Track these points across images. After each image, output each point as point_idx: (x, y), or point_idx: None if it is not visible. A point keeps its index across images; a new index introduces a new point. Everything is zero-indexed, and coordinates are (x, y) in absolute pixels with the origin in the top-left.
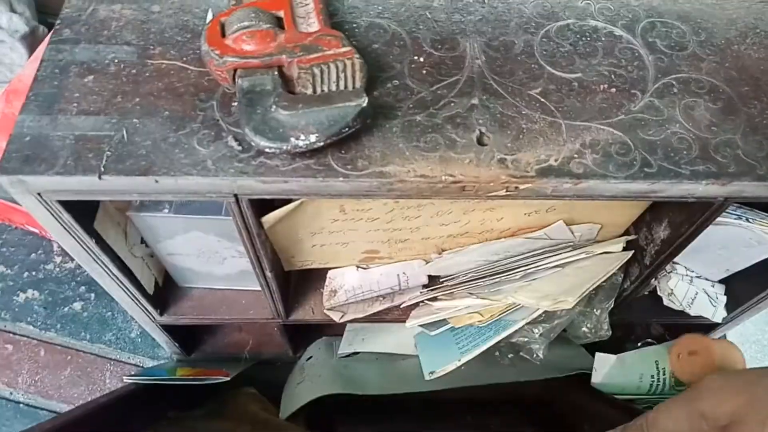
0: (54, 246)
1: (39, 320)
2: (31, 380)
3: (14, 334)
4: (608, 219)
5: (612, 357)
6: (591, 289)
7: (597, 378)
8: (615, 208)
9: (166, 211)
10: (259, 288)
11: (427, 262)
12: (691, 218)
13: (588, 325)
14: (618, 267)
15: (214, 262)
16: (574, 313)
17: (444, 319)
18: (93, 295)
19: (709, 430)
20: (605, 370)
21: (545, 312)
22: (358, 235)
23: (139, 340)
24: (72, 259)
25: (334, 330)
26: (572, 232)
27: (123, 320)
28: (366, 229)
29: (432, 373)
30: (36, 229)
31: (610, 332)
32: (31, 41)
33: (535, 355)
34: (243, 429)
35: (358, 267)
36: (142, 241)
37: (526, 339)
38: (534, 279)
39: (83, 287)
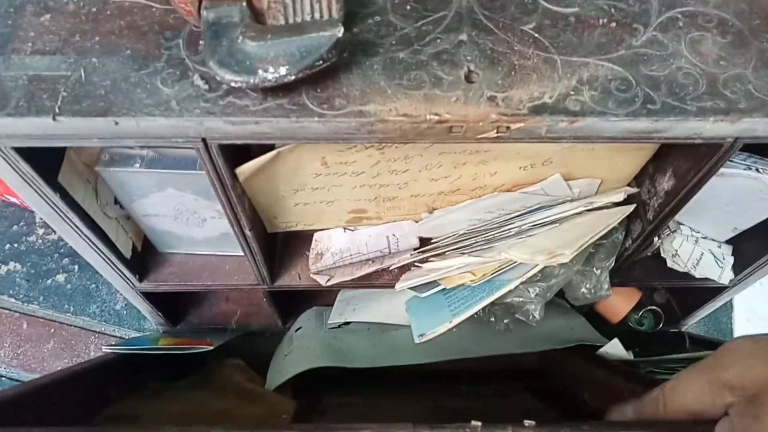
0: (36, 218)
1: (21, 293)
2: (14, 353)
3: None
4: (608, 173)
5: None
6: (590, 243)
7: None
8: (616, 158)
9: (138, 165)
10: (242, 253)
11: (418, 222)
12: (697, 165)
13: (587, 285)
14: (619, 221)
15: (194, 224)
16: (571, 272)
17: (435, 281)
18: (77, 267)
19: (734, 401)
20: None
21: (541, 271)
22: (343, 192)
23: (125, 312)
24: (55, 231)
25: (325, 300)
26: (570, 188)
27: (108, 292)
28: (351, 185)
29: (422, 335)
30: (17, 200)
31: (610, 293)
32: None
33: (531, 317)
34: (227, 400)
35: (345, 228)
36: (117, 201)
37: (521, 299)
38: (529, 236)
39: (66, 259)
